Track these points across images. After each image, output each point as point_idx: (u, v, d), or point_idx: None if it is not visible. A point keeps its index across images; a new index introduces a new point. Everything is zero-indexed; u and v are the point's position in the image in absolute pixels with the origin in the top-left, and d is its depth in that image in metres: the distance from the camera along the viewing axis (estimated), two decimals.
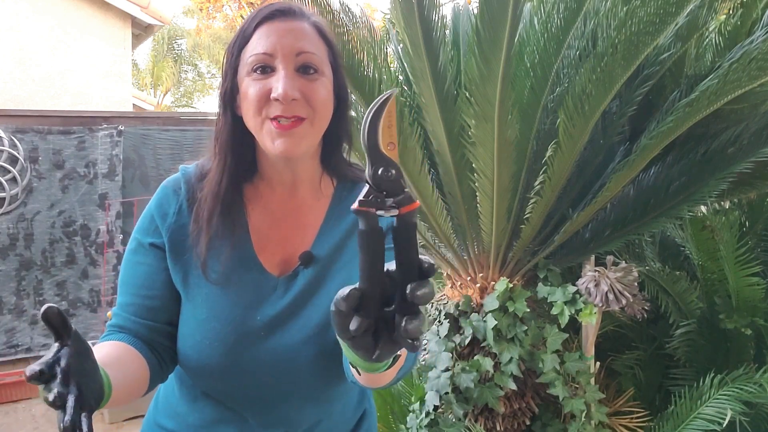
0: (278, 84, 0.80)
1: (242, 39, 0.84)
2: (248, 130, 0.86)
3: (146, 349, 0.86)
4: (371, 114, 0.54)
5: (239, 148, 0.88)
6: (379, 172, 0.54)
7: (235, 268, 0.88)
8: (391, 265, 0.55)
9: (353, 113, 1.82)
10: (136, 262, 0.90)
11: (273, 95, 0.80)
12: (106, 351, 0.80)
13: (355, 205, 0.54)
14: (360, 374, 0.73)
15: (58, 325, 0.57)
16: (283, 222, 0.92)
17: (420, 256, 0.54)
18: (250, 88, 0.82)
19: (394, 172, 0.54)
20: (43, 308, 0.56)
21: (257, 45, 0.82)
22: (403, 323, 0.53)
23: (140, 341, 0.86)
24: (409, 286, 0.53)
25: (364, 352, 0.55)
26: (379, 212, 0.54)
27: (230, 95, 0.86)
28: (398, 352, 0.60)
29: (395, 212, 0.54)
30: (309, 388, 0.90)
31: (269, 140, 0.82)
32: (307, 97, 0.82)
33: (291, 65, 0.82)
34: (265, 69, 0.82)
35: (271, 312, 0.87)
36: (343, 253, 0.91)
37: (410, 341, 0.53)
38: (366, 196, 0.54)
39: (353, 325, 0.54)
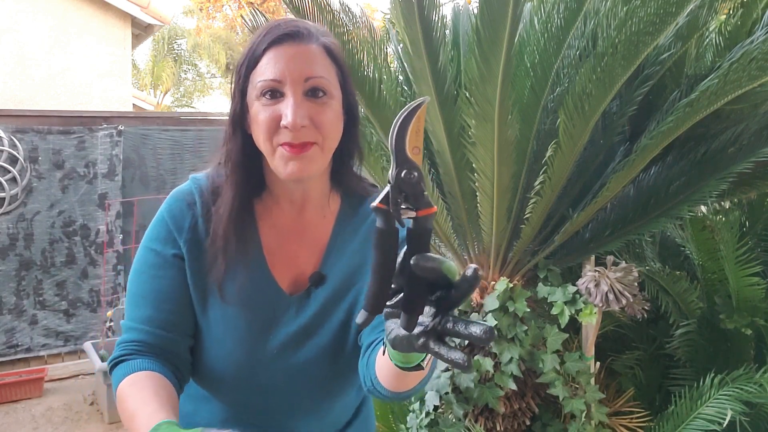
0: (287, 111, 0.80)
1: (251, 61, 0.84)
2: (257, 148, 0.86)
3: (171, 374, 0.85)
4: (402, 117, 0.56)
5: (250, 167, 0.89)
6: (403, 174, 0.55)
7: (250, 289, 0.89)
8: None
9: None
10: (155, 275, 0.88)
11: (282, 123, 0.80)
12: (167, 396, 0.79)
13: (374, 203, 0.55)
14: (394, 375, 0.74)
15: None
16: (291, 239, 0.92)
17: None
18: (260, 113, 0.82)
19: (416, 174, 0.55)
20: None
21: (265, 71, 0.82)
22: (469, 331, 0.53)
23: (166, 364, 0.86)
24: (414, 258, 0.53)
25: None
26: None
27: (240, 115, 0.86)
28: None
29: (412, 214, 0.55)
30: (314, 403, 0.93)
31: (281, 164, 0.82)
32: (315, 122, 0.82)
33: (299, 91, 0.81)
34: (275, 93, 0.82)
35: (284, 333, 0.89)
36: (354, 274, 0.92)
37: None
38: (387, 195, 0.55)
39: (403, 323, 0.56)
